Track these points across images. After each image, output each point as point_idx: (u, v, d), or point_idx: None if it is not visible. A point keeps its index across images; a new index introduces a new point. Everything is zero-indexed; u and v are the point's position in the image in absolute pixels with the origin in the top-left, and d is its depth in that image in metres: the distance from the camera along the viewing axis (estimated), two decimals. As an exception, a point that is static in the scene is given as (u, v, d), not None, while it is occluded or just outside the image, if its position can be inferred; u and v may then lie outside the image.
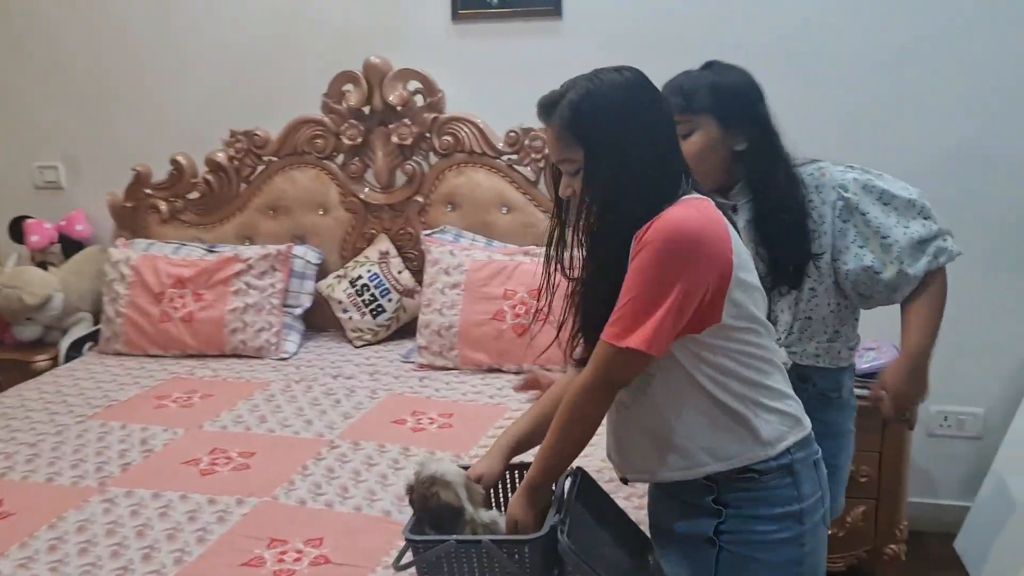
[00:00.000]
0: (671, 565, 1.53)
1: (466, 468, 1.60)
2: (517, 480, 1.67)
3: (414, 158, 3.09)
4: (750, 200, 1.78)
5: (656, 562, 1.54)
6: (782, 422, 1.44)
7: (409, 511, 1.55)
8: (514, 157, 3.01)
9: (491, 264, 2.85)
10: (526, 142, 2.97)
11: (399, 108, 3.01)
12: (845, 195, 1.76)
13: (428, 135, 3.05)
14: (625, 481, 1.61)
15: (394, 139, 3.05)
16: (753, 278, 1.43)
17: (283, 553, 1.77)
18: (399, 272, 3.08)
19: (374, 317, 3.04)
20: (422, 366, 2.84)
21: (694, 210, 1.37)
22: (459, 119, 3.02)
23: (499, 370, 2.79)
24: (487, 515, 1.51)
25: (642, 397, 1.46)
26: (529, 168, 3.01)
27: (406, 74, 3.03)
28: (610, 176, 1.39)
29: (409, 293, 3.07)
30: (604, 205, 1.39)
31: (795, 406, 1.49)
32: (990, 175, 2.74)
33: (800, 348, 1.86)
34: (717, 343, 1.40)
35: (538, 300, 1.55)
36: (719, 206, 1.44)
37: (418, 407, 2.52)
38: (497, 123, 3.02)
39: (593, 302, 1.44)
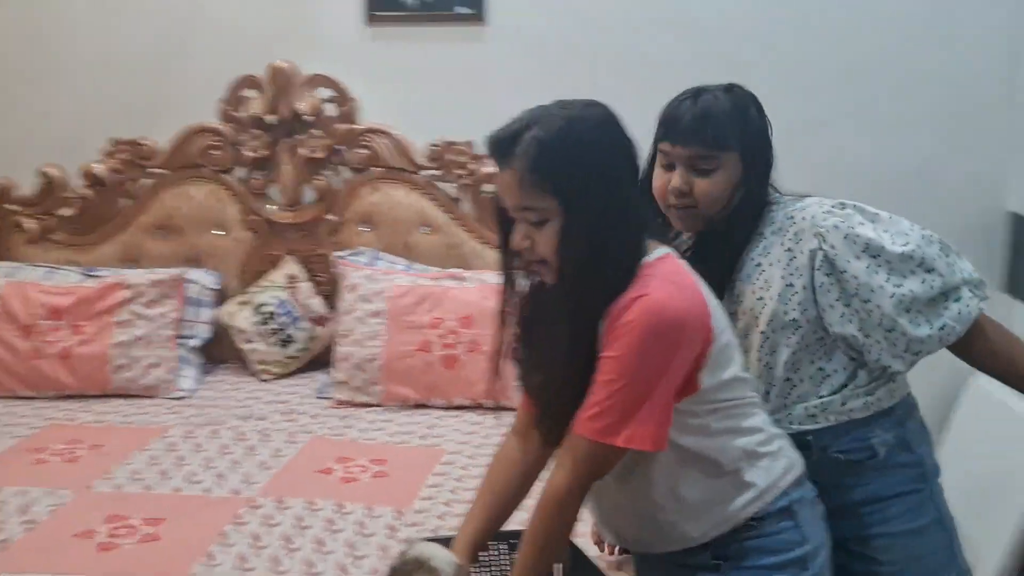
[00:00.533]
0: None
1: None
2: (503, 553, 1.46)
3: (324, 172, 2.82)
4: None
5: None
6: (774, 463, 1.34)
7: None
8: (436, 173, 2.79)
9: (416, 289, 2.62)
10: (449, 156, 2.76)
11: (308, 118, 2.74)
12: (823, 247, 1.41)
13: (341, 148, 2.79)
14: (625, 551, 1.44)
15: (302, 151, 2.77)
16: (729, 335, 1.31)
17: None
18: (309, 298, 2.80)
19: (283, 347, 2.75)
20: (341, 403, 2.58)
21: (673, 285, 1.23)
22: (375, 130, 2.77)
23: (426, 406, 2.56)
24: None
25: (629, 480, 1.32)
26: (453, 185, 2.79)
27: (316, 80, 2.76)
28: (592, 232, 1.22)
29: (321, 321, 2.79)
30: (585, 267, 1.22)
31: (783, 443, 1.38)
32: (940, 190, 2.71)
33: (784, 414, 1.48)
34: (697, 407, 1.28)
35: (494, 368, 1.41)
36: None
37: (344, 452, 2.26)
38: (416, 135, 2.80)
39: (563, 382, 1.26)
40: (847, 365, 1.46)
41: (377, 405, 2.57)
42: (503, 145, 1.23)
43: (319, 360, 2.80)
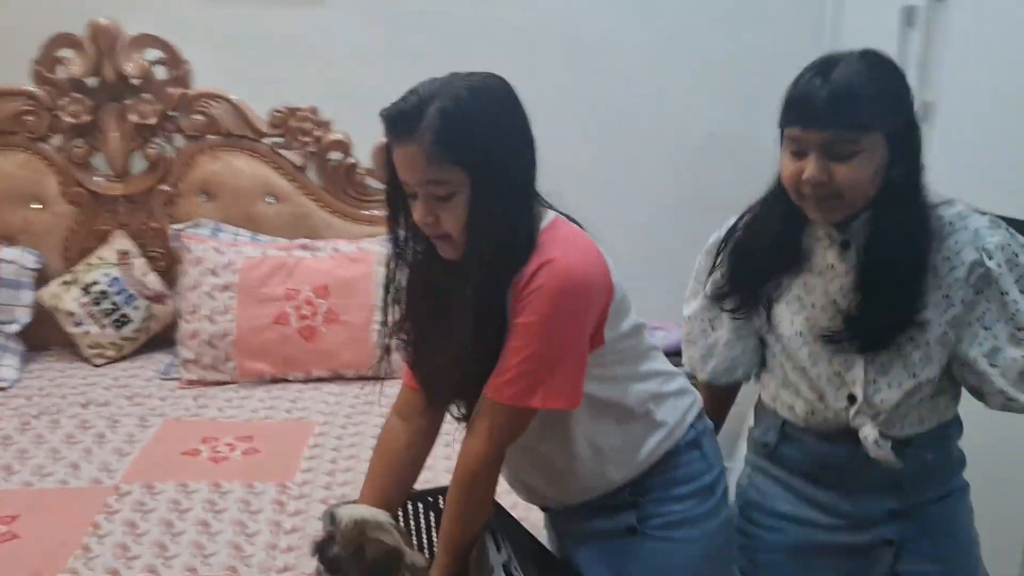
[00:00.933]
0: (591, 563, 1.42)
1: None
2: (421, 513, 1.46)
3: (156, 140, 2.64)
4: (866, 240, 1.33)
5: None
6: (679, 401, 1.42)
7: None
8: (279, 140, 2.68)
9: (267, 261, 2.52)
10: (293, 123, 2.66)
11: (135, 81, 2.55)
12: (988, 263, 1.29)
13: (174, 113, 2.61)
14: (546, 509, 1.48)
15: (132, 117, 2.57)
16: (623, 288, 1.33)
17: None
18: (144, 275, 2.62)
19: (117, 329, 2.56)
20: (190, 383, 2.45)
21: (575, 248, 1.25)
22: (212, 95, 2.62)
23: (284, 380, 2.48)
24: (416, 557, 1.30)
25: (547, 439, 1.35)
26: (297, 153, 2.70)
27: (144, 41, 2.57)
28: (500, 203, 1.21)
29: (159, 298, 2.63)
30: (497, 240, 1.21)
31: (683, 381, 1.46)
32: (744, 160, 2.92)
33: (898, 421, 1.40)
34: (603, 359, 1.32)
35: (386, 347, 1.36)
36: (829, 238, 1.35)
37: (206, 432, 2.15)
38: (256, 103, 2.68)
39: (473, 355, 1.25)
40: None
41: (231, 383, 2.46)
42: (406, 119, 1.18)
43: (157, 340, 2.64)
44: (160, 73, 2.60)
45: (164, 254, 2.67)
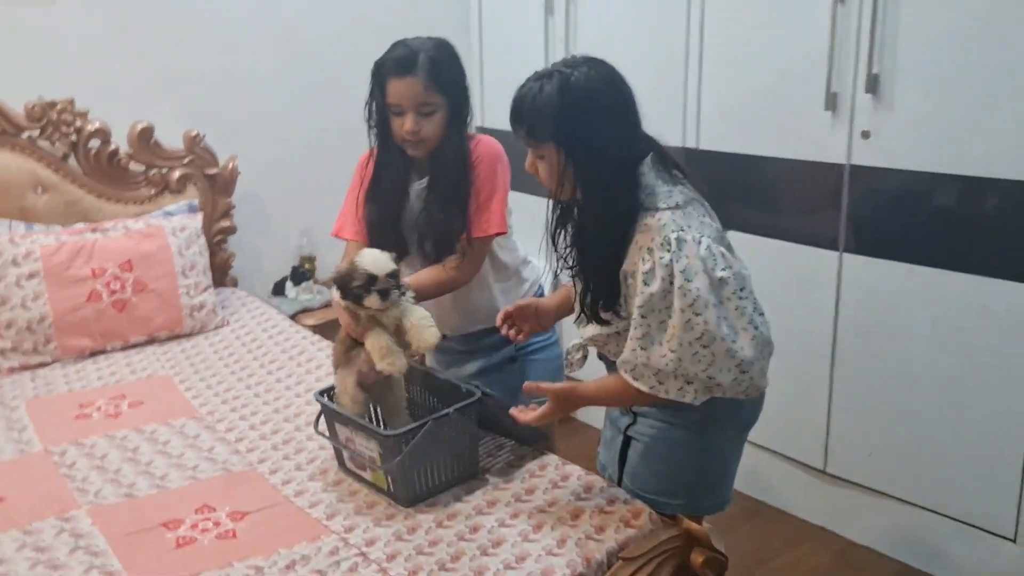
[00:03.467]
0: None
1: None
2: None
3: (-91, 144, 2.61)
4: None
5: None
6: (534, 268, 2.27)
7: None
8: (36, 133, 2.81)
9: (65, 245, 2.69)
10: (52, 115, 2.81)
11: None
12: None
13: (-75, 115, 2.62)
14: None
15: None
16: None
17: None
18: (-82, 278, 2.61)
19: (-96, 335, 2.54)
20: (13, 369, 2.57)
21: (492, 140, 2.09)
22: (-36, 95, 2.67)
23: (103, 351, 2.71)
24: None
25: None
26: (58, 144, 2.85)
27: None
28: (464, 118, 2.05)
29: (-59, 299, 2.63)
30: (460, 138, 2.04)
31: (532, 258, 2.28)
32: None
33: None
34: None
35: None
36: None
37: (77, 401, 2.36)
38: (4, 98, 2.77)
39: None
40: None
41: (54, 362, 2.63)
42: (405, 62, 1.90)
43: (-59, 341, 2.65)
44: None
45: (-69, 255, 2.66)
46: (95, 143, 2.90)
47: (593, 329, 1.72)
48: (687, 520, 1.67)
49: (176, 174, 3.06)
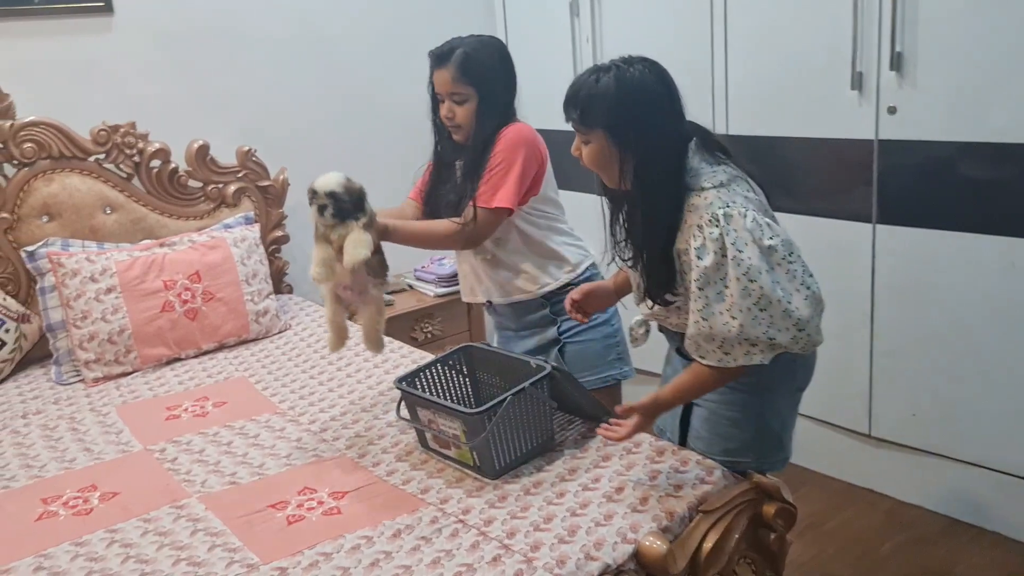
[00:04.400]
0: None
1: None
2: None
3: (-12, 172, 2.78)
4: None
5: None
6: (580, 251, 2.39)
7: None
8: (104, 156, 2.97)
9: (138, 261, 2.85)
10: (116, 139, 2.97)
11: (-39, 118, 2.68)
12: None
13: (3, 145, 2.78)
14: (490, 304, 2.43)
15: (-35, 153, 2.69)
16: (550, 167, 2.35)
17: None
18: (3, 299, 2.77)
19: (-5, 354, 2.71)
20: (98, 380, 2.72)
21: (526, 127, 2.27)
22: (37, 123, 2.83)
23: (179, 359, 2.86)
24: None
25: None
26: (122, 165, 3.01)
27: (-39, 80, 2.69)
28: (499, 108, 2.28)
29: (24, 318, 2.80)
30: (491, 127, 2.27)
31: (585, 243, 2.42)
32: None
33: None
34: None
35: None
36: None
37: (165, 404, 2.51)
38: (72, 125, 2.93)
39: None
40: None
41: (135, 371, 2.78)
42: (444, 55, 2.19)
43: (29, 357, 2.83)
44: (-17, 108, 2.74)
45: (12, 278, 2.83)
46: (156, 163, 3.05)
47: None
48: (756, 475, 1.81)
49: (232, 188, 3.21)
